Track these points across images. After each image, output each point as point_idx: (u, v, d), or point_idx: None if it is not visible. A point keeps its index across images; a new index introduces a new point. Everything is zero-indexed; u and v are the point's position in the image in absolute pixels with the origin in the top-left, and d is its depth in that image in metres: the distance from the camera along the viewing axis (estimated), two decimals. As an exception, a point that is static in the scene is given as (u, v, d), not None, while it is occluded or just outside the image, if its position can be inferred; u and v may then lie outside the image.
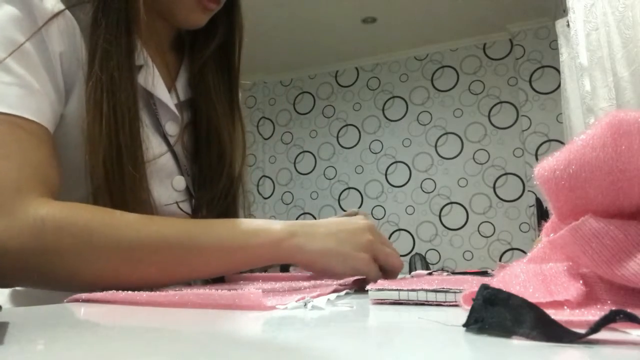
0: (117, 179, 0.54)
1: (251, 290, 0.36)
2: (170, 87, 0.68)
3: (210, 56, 0.72)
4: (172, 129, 0.66)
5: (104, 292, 0.41)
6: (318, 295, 0.39)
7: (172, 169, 0.66)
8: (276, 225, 0.51)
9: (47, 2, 0.54)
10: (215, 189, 0.69)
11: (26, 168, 0.48)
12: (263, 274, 0.68)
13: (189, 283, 0.69)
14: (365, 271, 0.52)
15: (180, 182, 0.66)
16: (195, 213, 0.68)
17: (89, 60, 0.55)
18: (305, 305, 0.35)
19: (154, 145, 0.62)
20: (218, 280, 0.70)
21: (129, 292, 0.40)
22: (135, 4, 0.57)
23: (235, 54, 0.73)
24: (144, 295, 0.39)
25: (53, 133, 0.54)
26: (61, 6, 0.55)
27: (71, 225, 0.46)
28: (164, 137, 0.65)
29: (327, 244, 0.51)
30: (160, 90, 0.64)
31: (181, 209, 0.66)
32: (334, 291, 0.44)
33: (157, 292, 0.40)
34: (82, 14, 0.57)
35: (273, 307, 0.34)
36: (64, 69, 0.55)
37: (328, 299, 0.39)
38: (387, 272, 0.55)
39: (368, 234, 0.54)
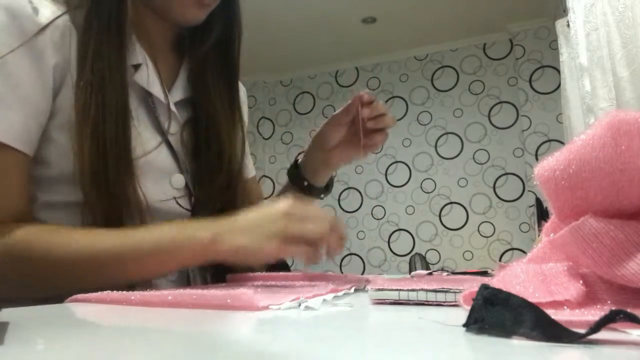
0: (102, 176, 0.55)
1: (243, 290, 0.35)
2: (170, 85, 0.68)
3: (210, 54, 0.71)
4: (171, 127, 0.66)
5: (99, 292, 0.41)
6: (314, 296, 0.39)
7: (171, 167, 0.65)
8: (202, 233, 0.53)
9: (42, 14, 0.55)
10: (214, 186, 0.69)
11: None
12: (264, 273, 0.68)
13: (189, 282, 0.69)
14: (283, 256, 0.53)
15: (179, 180, 0.66)
16: (195, 210, 0.68)
17: (79, 61, 0.55)
18: (299, 305, 0.35)
19: (152, 144, 0.62)
20: (219, 279, 0.70)
21: (124, 292, 0.41)
22: (124, 3, 0.57)
23: (234, 51, 0.73)
24: (138, 295, 0.40)
25: (42, 140, 0.56)
26: (59, 13, 0.56)
27: (22, 250, 0.51)
28: (163, 135, 0.65)
29: (241, 242, 0.52)
30: (157, 88, 0.64)
31: (180, 205, 0.66)
32: (331, 291, 0.44)
33: (151, 292, 0.41)
34: (79, 18, 0.57)
35: (266, 307, 0.34)
36: (55, 78, 0.56)
37: (324, 300, 0.39)
38: (311, 243, 0.54)
39: (280, 220, 0.52)
